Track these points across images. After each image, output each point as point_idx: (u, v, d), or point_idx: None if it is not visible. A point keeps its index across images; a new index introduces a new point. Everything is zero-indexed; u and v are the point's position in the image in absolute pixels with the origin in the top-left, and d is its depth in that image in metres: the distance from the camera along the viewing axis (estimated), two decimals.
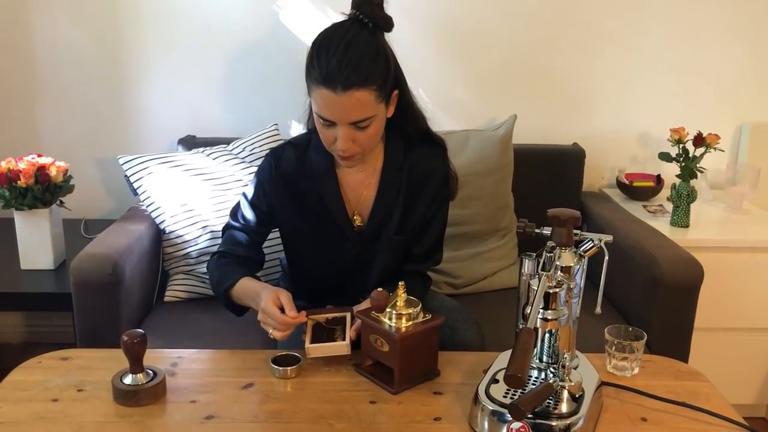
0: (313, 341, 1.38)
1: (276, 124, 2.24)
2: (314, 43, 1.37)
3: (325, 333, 1.40)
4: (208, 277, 1.60)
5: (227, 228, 1.63)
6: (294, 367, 1.35)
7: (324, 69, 1.32)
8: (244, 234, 1.59)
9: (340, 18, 1.40)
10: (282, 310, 1.37)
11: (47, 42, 2.41)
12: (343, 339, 1.37)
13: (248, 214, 1.58)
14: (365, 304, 1.47)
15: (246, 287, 1.49)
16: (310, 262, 1.62)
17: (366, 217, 1.55)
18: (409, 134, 1.54)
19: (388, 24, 1.40)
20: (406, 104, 1.49)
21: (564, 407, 1.17)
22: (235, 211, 1.61)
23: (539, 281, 1.17)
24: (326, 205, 1.53)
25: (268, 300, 1.38)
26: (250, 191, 1.59)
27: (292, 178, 1.54)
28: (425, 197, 1.56)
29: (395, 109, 1.46)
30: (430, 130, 1.57)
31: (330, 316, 1.45)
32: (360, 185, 1.55)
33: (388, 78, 1.38)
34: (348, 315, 1.43)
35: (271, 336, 1.38)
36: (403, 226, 1.56)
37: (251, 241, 1.59)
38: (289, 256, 1.69)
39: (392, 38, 1.44)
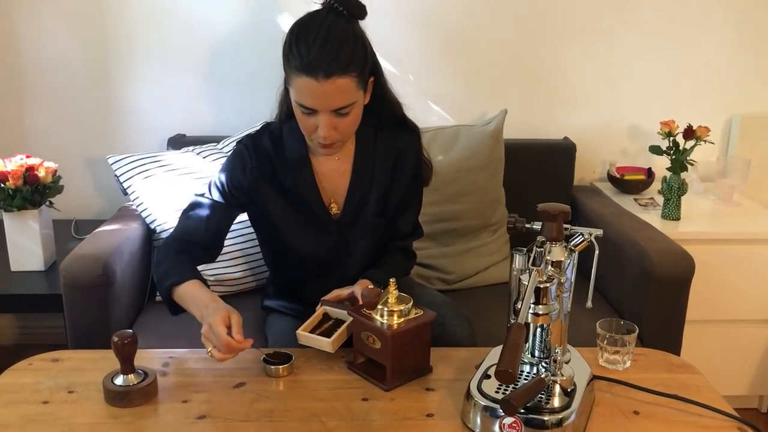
0: (313, 330, 1.38)
1: (266, 122, 2.22)
2: (292, 31, 1.37)
3: (327, 325, 1.40)
4: (154, 262, 1.50)
5: (189, 209, 1.54)
6: (286, 365, 1.35)
7: (305, 57, 1.32)
8: (207, 216, 1.51)
9: None
10: (229, 332, 1.27)
11: (34, 42, 2.39)
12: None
13: (217, 196, 1.52)
14: (335, 294, 1.48)
15: (194, 293, 1.38)
16: (289, 250, 1.60)
17: (341, 204, 1.56)
18: (384, 121, 1.56)
19: (361, 12, 1.40)
20: (381, 91, 1.51)
21: (556, 402, 1.17)
22: (202, 194, 1.54)
23: (530, 276, 1.17)
24: (302, 194, 1.53)
25: (217, 317, 1.27)
26: (221, 176, 1.53)
27: (268, 164, 1.52)
28: (403, 176, 1.58)
29: (371, 96, 1.47)
30: (405, 117, 1.59)
31: (341, 312, 1.42)
32: (334, 173, 1.55)
33: (366, 64, 1.40)
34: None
35: (209, 354, 1.28)
36: (383, 207, 1.58)
37: (211, 226, 1.51)
38: (269, 248, 1.67)
39: (382, 34, 1.44)
